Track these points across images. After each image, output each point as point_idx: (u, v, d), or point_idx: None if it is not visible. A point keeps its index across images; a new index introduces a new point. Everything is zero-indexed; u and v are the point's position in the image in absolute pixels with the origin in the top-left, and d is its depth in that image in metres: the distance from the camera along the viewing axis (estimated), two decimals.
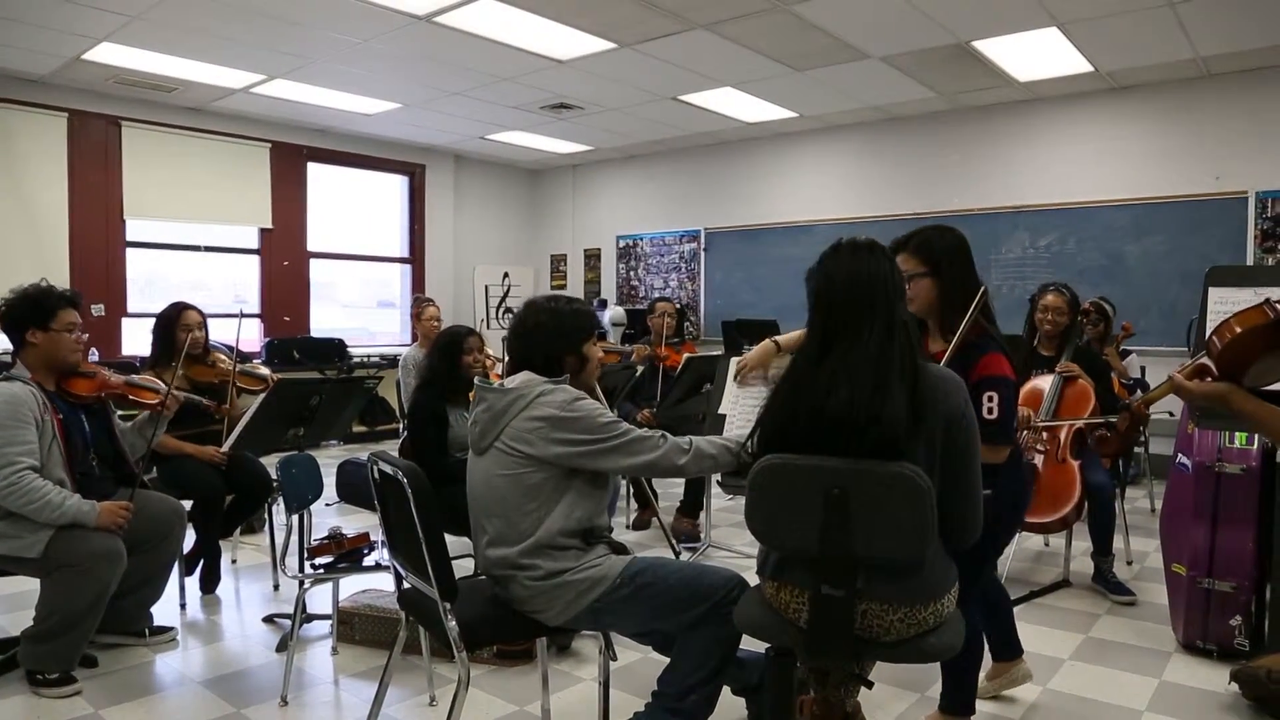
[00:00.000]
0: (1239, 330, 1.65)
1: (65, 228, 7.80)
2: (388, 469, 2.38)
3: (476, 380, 2.59)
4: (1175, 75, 7.12)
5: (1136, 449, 6.14)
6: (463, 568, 2.42)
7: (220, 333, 6.61)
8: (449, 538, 2.38)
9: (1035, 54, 6.63)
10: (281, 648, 3.57)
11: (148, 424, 3.70)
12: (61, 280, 7.50)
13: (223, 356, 4.40)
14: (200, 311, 4.34)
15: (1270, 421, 1.65)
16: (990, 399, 2.36)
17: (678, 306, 6.38)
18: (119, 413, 3.72)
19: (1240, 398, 1.69)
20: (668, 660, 2.50)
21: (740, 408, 2.95)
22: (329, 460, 5.36)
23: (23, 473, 3.06)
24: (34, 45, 6.60)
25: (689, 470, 2.52)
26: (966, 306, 2.44)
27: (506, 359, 2.65)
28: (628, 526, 5.51)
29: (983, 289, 2.48)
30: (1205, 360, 1.75)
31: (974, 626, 2.74)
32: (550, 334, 2.55)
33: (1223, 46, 6.41)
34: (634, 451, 2.42)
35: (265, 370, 4.54)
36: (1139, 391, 5.35)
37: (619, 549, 2.53)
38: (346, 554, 3.29)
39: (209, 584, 4.26)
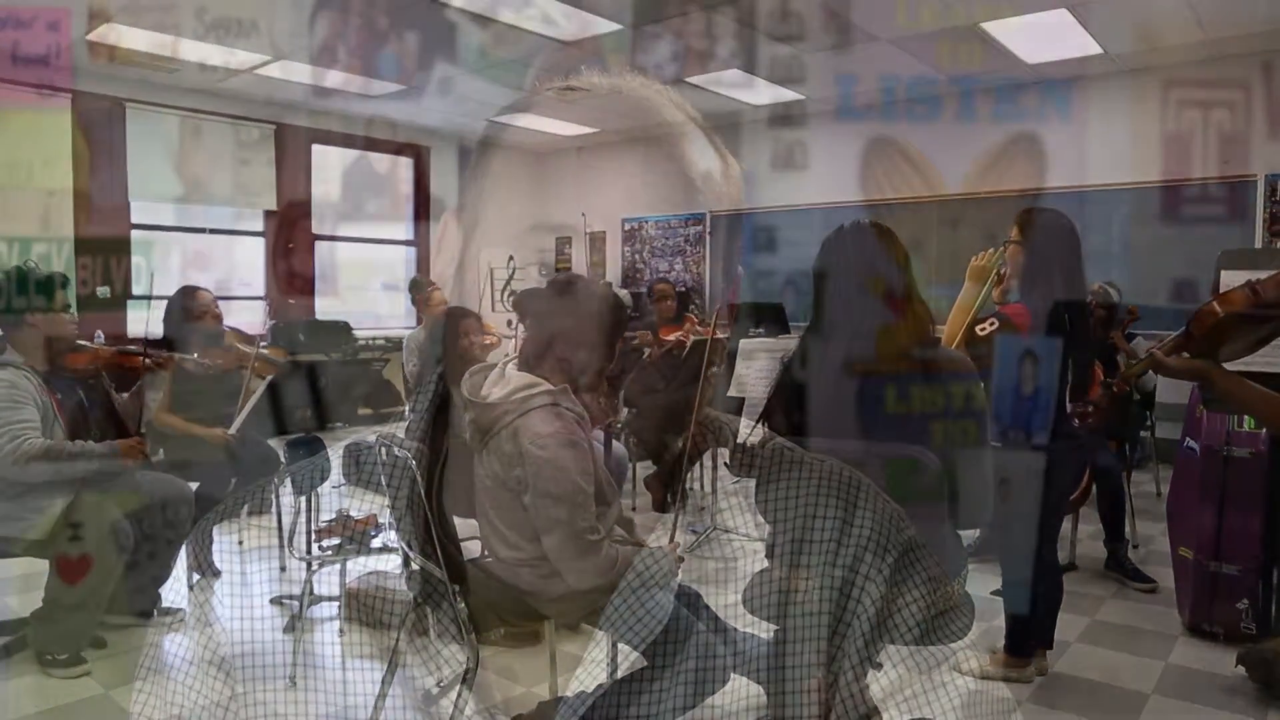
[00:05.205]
0: (1221, 313, 1.66)
1: (69, 210, 7.75)
2: (396, 450, 2.37)
3: (464, 389, 2.40)
4: (1184, 58, 7.04)
5: (1143, 433, 6.11)
6: (470, 550, 2.41)
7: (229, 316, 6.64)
8: (456, 520, 2.37)
9: (1044, 36, 6.55)
10: (289, 629, 3.57)
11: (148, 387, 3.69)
12: (67, 263, 7.55)
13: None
14: (211, 293, 4.33)
15: (1247, 398, 1.66)
16: (992, 324, 2.78)
17: (682, 290, 6.40)
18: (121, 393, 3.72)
19: (1219, 374, 1.70)
20: None
21: (760, 391, 2.94)
22: (336, 442, 5.35)
23: (35, 440, 3.05)
24: None
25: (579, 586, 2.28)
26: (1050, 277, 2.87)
27: (522, 338, 2.45)
28: (633, 509, 5.51)
29: (999, 261, 2.95)
30: (1184, 338, 1.75)
31: (1055, 568, 3.04)
32: (607, 334, 2.32)
33: (1232, 29, 6.34)
34: (570, 550, 2.17)
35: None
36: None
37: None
38: (354, 535, 3.30)
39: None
